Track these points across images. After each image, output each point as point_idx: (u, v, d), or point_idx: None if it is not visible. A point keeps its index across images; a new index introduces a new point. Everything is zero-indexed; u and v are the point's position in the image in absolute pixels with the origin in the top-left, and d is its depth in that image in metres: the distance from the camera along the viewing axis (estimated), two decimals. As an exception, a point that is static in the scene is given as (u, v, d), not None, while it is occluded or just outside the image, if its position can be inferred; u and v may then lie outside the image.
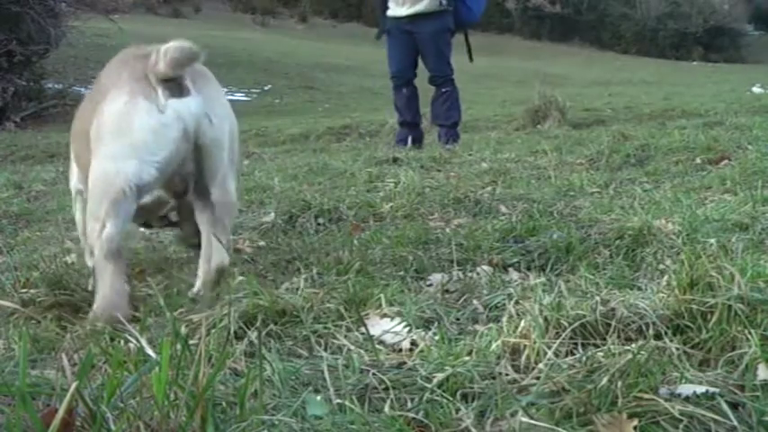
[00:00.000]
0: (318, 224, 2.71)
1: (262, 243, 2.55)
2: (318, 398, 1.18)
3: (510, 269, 1.99)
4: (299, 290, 1.69)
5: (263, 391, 1.14)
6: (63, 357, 1.21)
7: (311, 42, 24.77)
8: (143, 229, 2.48)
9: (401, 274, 1.97)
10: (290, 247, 2.39)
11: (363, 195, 3.10)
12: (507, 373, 1.25)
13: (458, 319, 1.59)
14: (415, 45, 5.37)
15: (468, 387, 1.20)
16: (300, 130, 8.89)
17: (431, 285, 1.86)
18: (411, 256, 2.10)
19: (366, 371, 1.28)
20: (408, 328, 1.48)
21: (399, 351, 1.40)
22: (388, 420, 1.09)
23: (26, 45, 11.46)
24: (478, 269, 1.96)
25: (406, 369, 1.29)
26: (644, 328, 1.37)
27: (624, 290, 1.61)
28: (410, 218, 2.70)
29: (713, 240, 1.95)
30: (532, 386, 1.19)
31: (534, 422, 1.06)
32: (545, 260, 2.02)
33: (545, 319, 1.37)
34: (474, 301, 1.69)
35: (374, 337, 1.43)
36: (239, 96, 14.00)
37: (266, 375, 1.24)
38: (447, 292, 1.79)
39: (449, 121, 5.55)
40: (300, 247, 2.38)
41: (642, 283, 1.73)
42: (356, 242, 2.32)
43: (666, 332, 1.34)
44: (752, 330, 1.27)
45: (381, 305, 1.60)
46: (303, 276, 1.81)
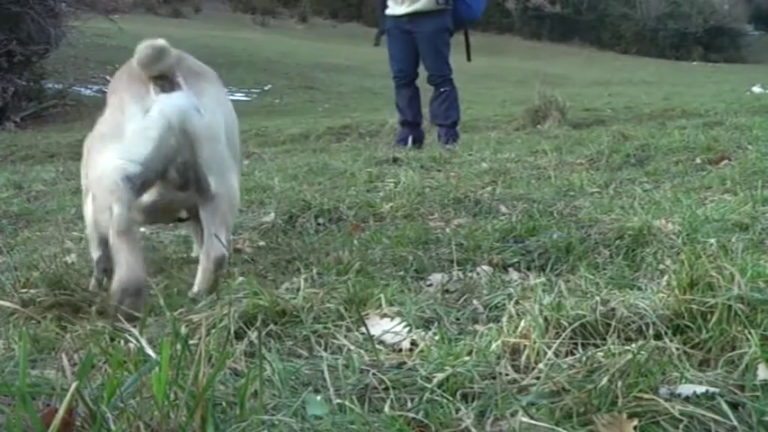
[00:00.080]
0: (318, 224, 2.71)
1: (262, 243, 2.55)
2: (318, 398, 1.18)
3: (510, 269, 1.99)
4: (299, 290, 1.69)
5: (263, 391, 1.14)
6: (63, 357, 1.21)
7: (311, 42, 24.77)
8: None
9: (401, 274, 1.97)
10: (290, 247, 2.39)
11: (363, 195, 3.10)
12: (507, 373, 1.25)
13: (458, 319, 1.59)
14: (416, 45, 5.38)
15: (468, 387, 1.20)
16: (300, 130, 8.89)
17: (431, 285, 1.86)
18: (411, 256, 2.10)
19: (366, 371, 1.28)
20: (408, 328, 1.48)
21: (399, 351, 1.40)
22: (388, 420, 1.09)
23: (26, 45, 11.46)
24: (478, 269, 1.96)
25: (406, 369, 1.29)
26: (644, 328, 1.37)
27: (624, 290, 1.61)
28: (410, 218, 2.70)
29: (713, 240, 1.95)
30: (532, 386, 1.19)
31: (534, 422, 1.06)
32: (545, 260, 2.02)
33: (545, 319, 1.37)
34: (474, 301, 1.69)
35: (374, 337, 1.42)
36: (239, 96, 14.00)
37: (266, 375, 1.24)
38: (447, 292, 1.79)
39: (448, 120, 5.55)
40: (300, 247, 2.38)
41: (642, 283, 1.73)
42: (356, 242, 2.32)
43: (666, 332, 1.34)
44: (752, 330, 1.27)
45: (381, 305, 1.60)
46: (303, 276, 1.81)
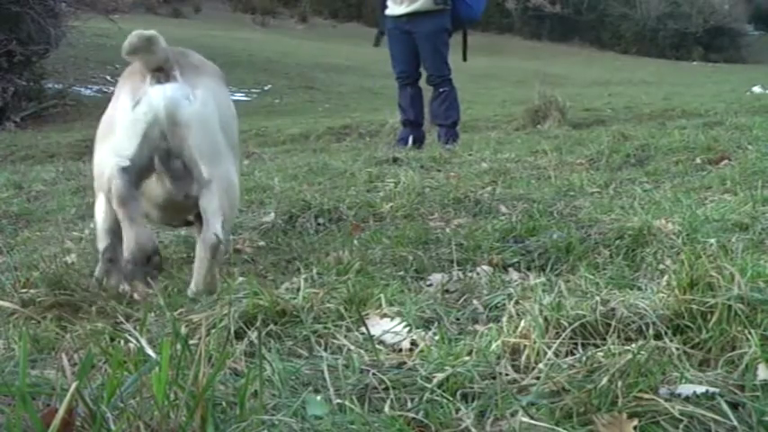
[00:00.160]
0: (318, 224, 2.71)
1: (262, 243, 2.55)
2: (318, 398, 1.18)
3: (510, 269, 1.99)
4: (299, 290, 1.69)
5: (263, 391, 1.14)
6: (63, 357, 1.21)
7: (311, 42, 24.76)
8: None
9: (401, 274, 1.97)
10: (290, 247, 2.39)
11: (363, 195, 3.10)
12: (507, 373, 1.25)
13: (458, 319, 1.59)
14: (416, 45, 5.38)
15: (468, 387, 1.20)
16: (300, 130, 8.89)
17: (431, 285, 1.86)
18: (411, 256, 2.10)
19: (366, 371, 1.28)
20: (408, 328, 1.48)
21: (399, 351, 1.40)
22: (388, 420, 1.09)
23: (26, 45, 11.46)
24: (478, 269, 1.96)
25: (406, 369, 1.29)
26: (644, 328, 1.36)
27: (624, 290, 1.61)
28: (410, 218, 2.70)
29: (713, 240, 1.95)
30: (532, 386, 1.19)
31: (534, 422, 1.06)
32: (545, 260, 2.02)
33: (545, 319, 1.37)
34: (474, 301, 1.69)
35: (374, 337, 1.42)
36: (239, 96, 13.99)
37: (266, 375, 1.24)
38: (447, 292, 1.79)
39: (448, 120, 5.54)
40: (300, 247, 2.38)
41: (642, 283, 1.73)
42: (356, 242, 2.32)
43: (666, 332, 1.34)
44: (752, 330, 1.27)
45: (381, 305, 1.60)
46: (303, 276, 1.81)
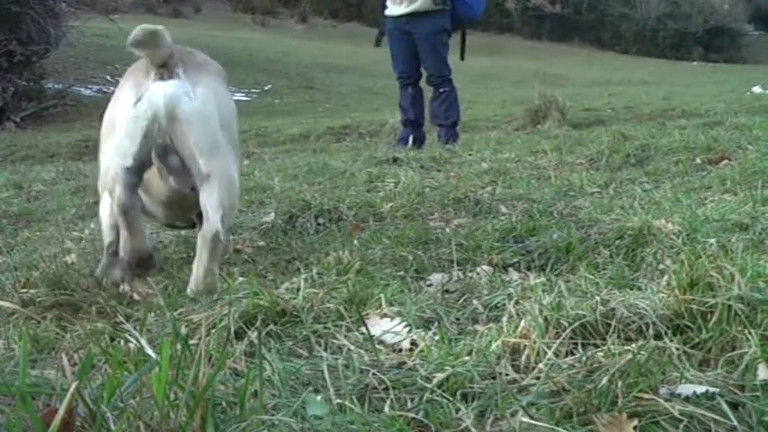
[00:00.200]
0: (318, 224, 2.71)
1: (262, 243, 2.55)
2: (318, 398, 1.18)
3: (510, 269, 1.99)
4: (299, 290, 1.69)
5: (263, 391, 1.14)
6: (63, 357, 1.21)
7: (311, 42, 24.76)
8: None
9: (401, 274, 1.97)
10: (290, 247, 2.39)
11: (363, 195, 3.10)
12: (507, 373, 1.25)
13: (458, 319, 1.59)
14: (416, 45, 5.38)
15: (468, 387, 1.20)
16: (300, 130, 8.89)
17: (431, 285, 1.86)
18: (411, 256, 2.10)
19: (366, 371, 1.28)
20: (408, 328, 1.48)
21: (399, 351, 1.40)
22: (388, 420, 1.09)
23: (26, 45, 11.46)
24: (478, 269, 1.96)
25: (406, 369, 1.29)
26: (644, 328, 1.36)
27: (624, 290, 1.61)
28: (410, 218, 2.70)
29: (713, 240, 1.95)
30: (532, 386, 1.19)
31: (534, 422, 1.06)
32: (545, 260, 2.02)
33: (545, 319, 1.37)
34: (474, 301, 1.69)
35: (374, 337, 1.43)
36: (239, 96, 13.99)
37: (266, 375, 1.24)
38: (447, 292, 1.78)
39: (448, 120, 5.54)
40: (300, 247, 2.38)
41: (642, 283, 1.73)
42: (356, 242, 2.32)
43: (666, 332, 1.34)
44: (752, 330, 1.27)
45: (381, 305, 1.60)
46: (303, 276, 1.81)
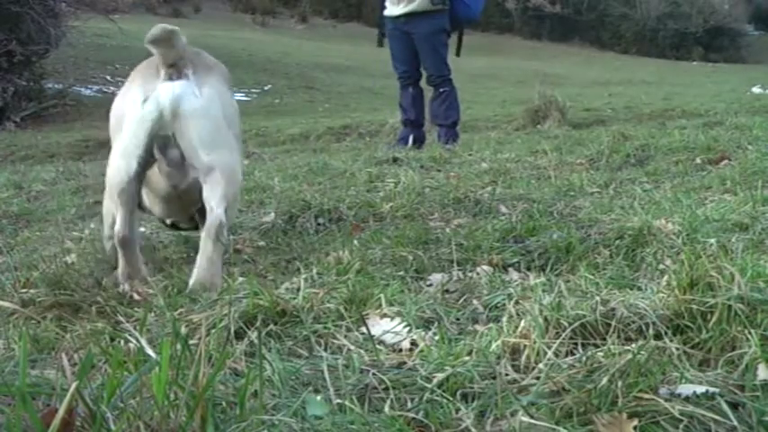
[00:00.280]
0: (318, 224, 2.71)
1: (262, 243, 2.55)
2: (318, 398, 1.18)
3: (510, 269, 1.99)
4: (299, 290, 1.69)
5: (263, 391, 1.14)
6: (63, 357, 1.21)
7: (311, 42, 24.76)
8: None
9: (401, 274, 1.97)
10: (290, 247, 2.39)
11: (363, 195, 3.10)
12: (507, 373, 1.25)
13: (458, 319, 1.59)
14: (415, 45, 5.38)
15: (468, 387, 1.20)
16: (300, 130, 8.89)
17: (431, 285, 1.86)
18: (411, 256, 2.10)
19: (366, 371, 1.28)
20: (408, 328, 1.48)
21: (399, 351, 1.40)
22: (388, 420, 1.09)
23: (26, 45, 11.45)
24: (478, 269, 1.96)
25: (406, 369, 1.29)
26: (644, 328, 1.36)
27: (624, 290, 1.60)
28: (410, 218, 2.70)
29: (713, 240, 1.95)
30: (532, 386, 1.19)
31: (534, 421, 1.06)
32: (545, 260, 2.02)
33: (545, 319, 1.37)
34: (474, 301, 1.69)
35: (374, 337, 1.43)
36: (239, 96, 13.99)
37: (266, 375, 1.24)
38: (447, 292, 1.78)
39: (448, 120, 5.54)
40: (300, 247, 2.38)
41: (642, 283, 1.73)
42: (356, 242, 2.32)
43: (666, 332, 1.34)
44: (752, 330, 1.27)
45: (381, 305, 1.60)
46: (303, 276, 1.81)
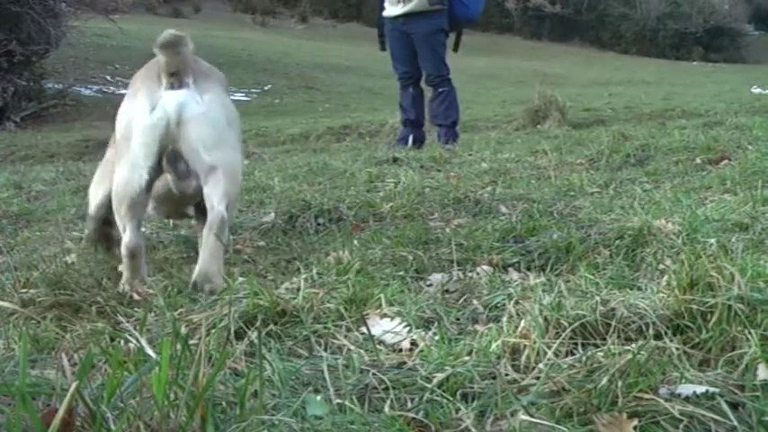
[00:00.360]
0: (318, 224, 2.71)
1: (262, 243, 2.55)
2: (318, 398, 1.18)
3: (510, 269, 1.99)
4: (299, 290, 1.69)
5: (263, 391, 1.14)
6: (63, 357, 1.21)
7: (311, 42, 24.77)
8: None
9: (401, 274, 1.97)
10: (290, 247, 2.39)
11: (363, 195, 3.10)
12: (507, 373, 1.25)
13: (458, 319, 1.59)
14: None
15: (468, 387, 1.20)
16: (300, 130, 8.90)
17: (431, 285, 1.86)
18: (411, 256, 2.10)
19: (366, 371, 1.28)
20: (408, 328, 1.48)
21: (399, 351, 1.40)
22: (388, 420, 1.09)
23: (26, 45, 11.46)
24: (478, 269, 1.96)
25: (406, 369, 1.29)
26: (644, 328, 1.36)
27: (624, 290, 1.60)
28: (410, 218, 2.70)
29: (713, 240, 1.95)
30: (532, 386, 1.19)
31: (535, 420, 1.06)
32: (545, 260, 2.02)
33: (545, 319, 1.37)
34: (474, 301, 1.69)
35: (374, 337, 1.43)
36: (239, 96, 14.00)
37: (266, 375, 1.24)
38: (447, 292, 1.78)
39: (447, 120, 5.55)
40: (300, 247, 2.38)
41: (642, 283, 1.73)
42: (356, 242, 2.32)
43: (666, 332, 1.34)
44: (752, 330, 1.27)
45: (381, 305, 1.60)
46: (303, 276, 1.81)
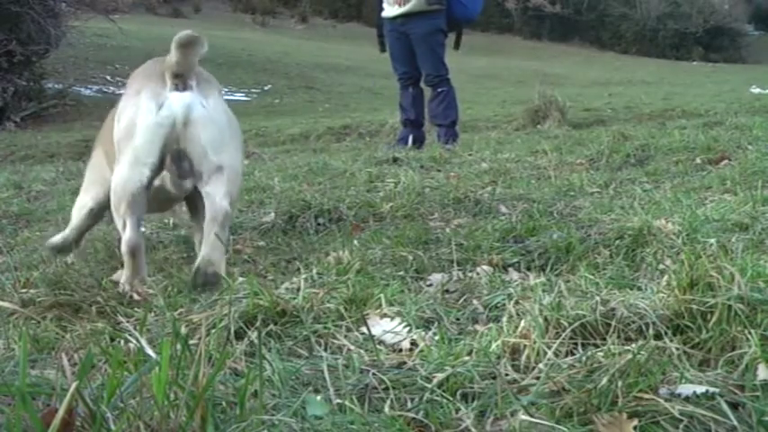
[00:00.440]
0: (318, 224, 2.71)
1: (262, 243, 2.55)
2: (318, 398, 1.18)
3: (510, 269, 1.99)
4: (299, 290, 1.69)
5: (263, 391, 1.14)
6: (63, 357, 1.21)
7: (311, 42, 24.78)
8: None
9: (401, 274, 1.97)
10: (290, 247, 2.39)
11: (363, 195, 3.09)
12: (507, 373, 1.25)
13: (458, 319, 1.59)
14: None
15: (468, 387, 1.20)
16: (300, 130, 8.90)
17: (431, 285, 1.86)
18: (411, 256, 2.10)
19: (366, 371, 1.28)
20: (408, 328, 1.48)
21: (399, 351, 1.40)
22: (388, 420, 1.09)
23: (26, 45, 11.47)
24: (478, 269, 1.96)
25: (406, 369, 1.29)
26: (644, 328, 1.36)
27: (624, 290, 1.60)
28: (410, 218, 2.70)
29: (713, 240, 1.95)
30: (532, 386, 1.19)
31: (535, 420, 1.06)
32: (545, 260, 2.02)
33: (545, 319, 1.37)
34: (474, 301, 1.69)
35: (374, 337, 1.43)
36: (239, 96, 14.01)
37: (266, 375, 1.24)
38: (447, 292, 1.78)
39: (446, 120, 5.55)
40: (300, 247, 2.38)
41: (642, 283, 1.73)
42: (356, 242, 2.32)
43: (666, 332, 1.34)
44: (752, 330, 1.27)
45: (381, 305, 1.60)
46: (303, 276, 1.81)
